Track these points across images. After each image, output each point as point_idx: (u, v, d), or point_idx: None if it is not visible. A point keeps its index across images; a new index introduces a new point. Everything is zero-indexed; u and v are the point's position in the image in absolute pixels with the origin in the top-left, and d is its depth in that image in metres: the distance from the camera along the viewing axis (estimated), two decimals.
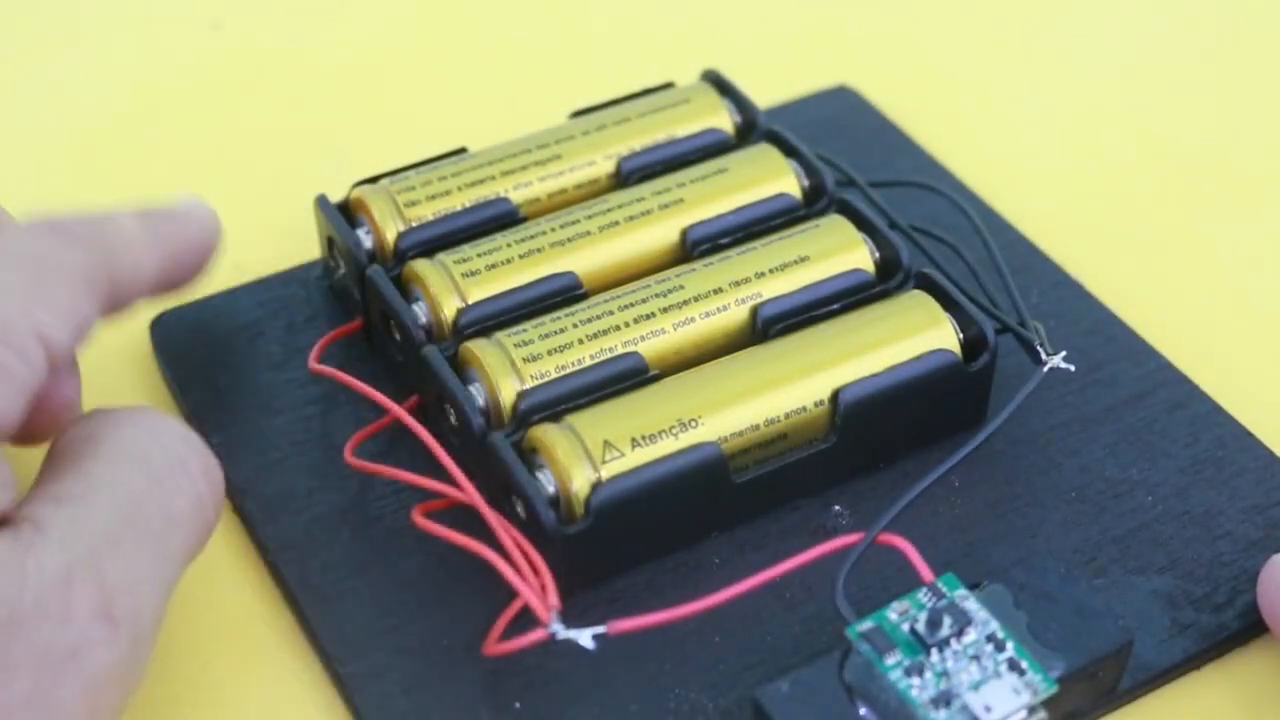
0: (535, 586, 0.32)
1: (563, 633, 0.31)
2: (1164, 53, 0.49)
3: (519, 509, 0.33)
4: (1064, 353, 0.36)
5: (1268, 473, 0.36)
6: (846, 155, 0.42)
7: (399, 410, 0.35)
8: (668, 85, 0.42)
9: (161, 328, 0.39)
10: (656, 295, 0.36)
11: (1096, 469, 0.36)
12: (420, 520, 0.33)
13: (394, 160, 0.39)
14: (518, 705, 0.32)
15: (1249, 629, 0.34)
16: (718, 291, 0.36)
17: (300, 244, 0.41)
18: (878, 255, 0.38)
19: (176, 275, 0.35)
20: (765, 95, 0.44)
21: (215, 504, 0.31)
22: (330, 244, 0.39)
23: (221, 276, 0.40)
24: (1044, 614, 0.32)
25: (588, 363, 0.35)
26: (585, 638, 0.31)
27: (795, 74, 0.46)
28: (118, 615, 0.28)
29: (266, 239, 0.42)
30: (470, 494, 0.33)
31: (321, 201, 0.39)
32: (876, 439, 0.35)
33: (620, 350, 0.35)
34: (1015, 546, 0.35)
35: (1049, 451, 0.37)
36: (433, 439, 0.34)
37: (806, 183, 0.39)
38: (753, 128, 0.41)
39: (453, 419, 0.35)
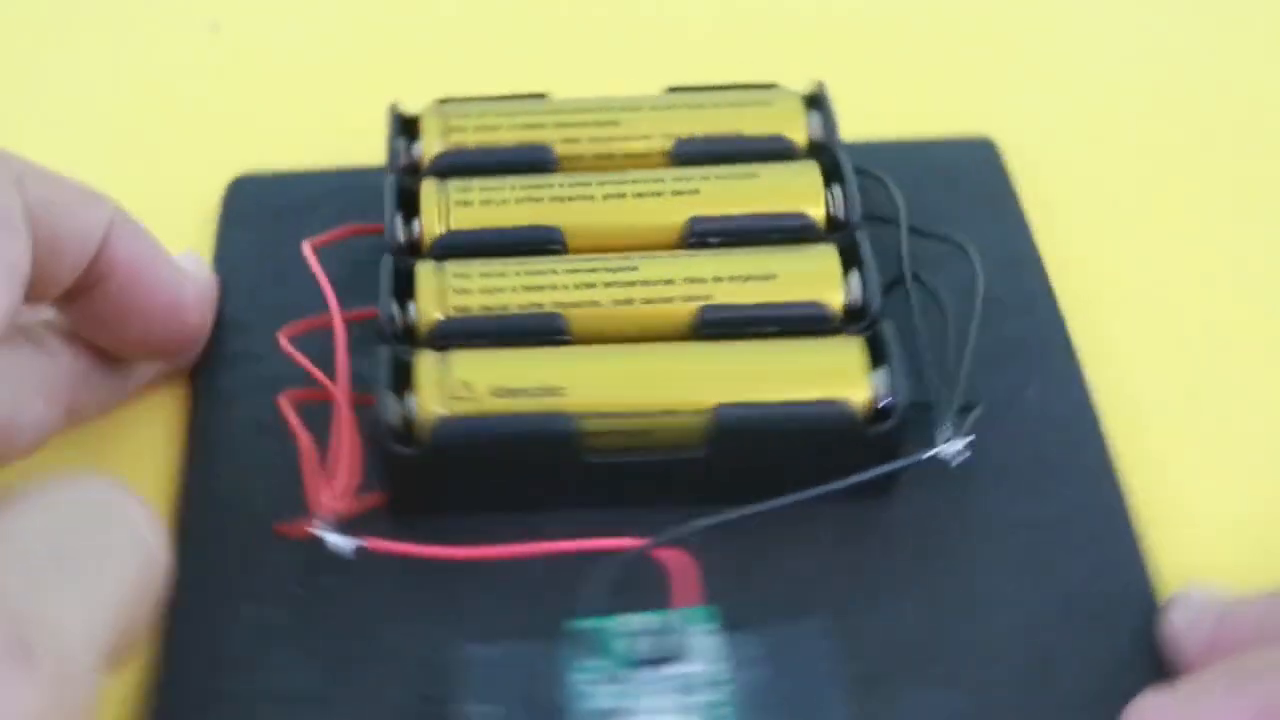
0: (335, 486, 0.33)
1: (328, 534, 0.33)
2: None
3: None
4: (965, 441, 0.34)
5: (1137, 658, 0.33)
6: (940, 207, 0.41)
7: (335, 311, 0.37)
8: (772, 86, 0.42)
9: (238, 188, 0.43)
10: (607, 269, 0.37)
11: (972, 574, 0.34)
12: (281, 401, 0.35)
13: None
14: (297, 592, 0.34)
15: None
16: (668, 283, 0.37)
17: None
18: (851, 296, 0.37)
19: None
20: (897, 126, 0.43)
21: (159, 543, 0.29)
22: None
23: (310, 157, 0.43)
24: (779, 678, 0.31)
25: (513, 311, 0.36)
26: (346, 545, 0.33)
27: (943, 113, 0.45)
28: (36, 654, 0.25)
29: None
30: (339, 389, 0.35)
31: (392, 109, 0.41)
32: (754, 470, 0.35)
33: (548, 309, 0.36)
34: (837, 618, 0.33)
35: (938, 539, 0.35)
36: (343, 334, 0.36)
37: (837, 211, 0.39)
38: (824, 149, 0.40)
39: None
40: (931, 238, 0.40)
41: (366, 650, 0.33)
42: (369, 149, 0.41)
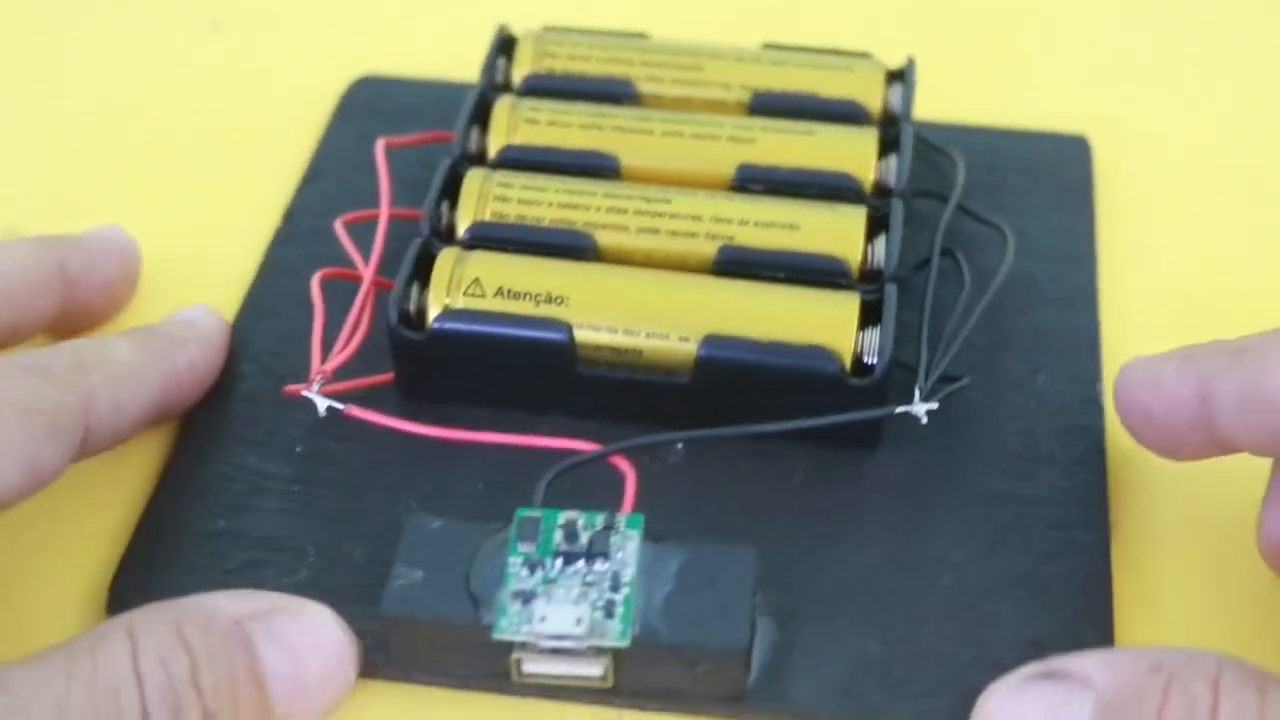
0: (334, 358, 0.36)
1: (314, 396, 0.35)
2: None
3: None
4: (932, 405, 0.35)
5: (1081, 629, 0.33)
6: (1013, 194, 0.42)
7: (385, 203, 0.39)
8: (864, 55, 0.43)
9: (358, 88, 0.46)
10: (643, 198, 0.38)
11: (929, 536, 0.35)
12: (315, 277, 0.38)
13: None
14: (299, 450, 0.37)
15: None
16: (696, 219, 0.38)
17: None
18: (870, 260, 0.38)
19: (174, 405, 0.36)
20: (1005, 115, 0.44)
21: None
22: None
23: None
24: (691, 592, 0.32)
25: (545, 224, 0.38)
26: (322, 405, 0.35)
27: (1051, 109, 0.45)
28: None
29: None
30: (368, 272, 0.38)
31: (499, 29, 0.43)
32: (738, 403, 0.36)
33: (579, 227, 0.38)
34: (772, 550, 0.34)
35: (907, 497, 0.36)
36: (385, 224, 0.39)
37: (885, 179, 0.40)
38: (894, 121, 0.41)
39: None
40: (979, 220, 0.40)
41: (345, 512, 0.36)
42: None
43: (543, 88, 0.42)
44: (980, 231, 0.41)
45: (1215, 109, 0.46)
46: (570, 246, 0.37)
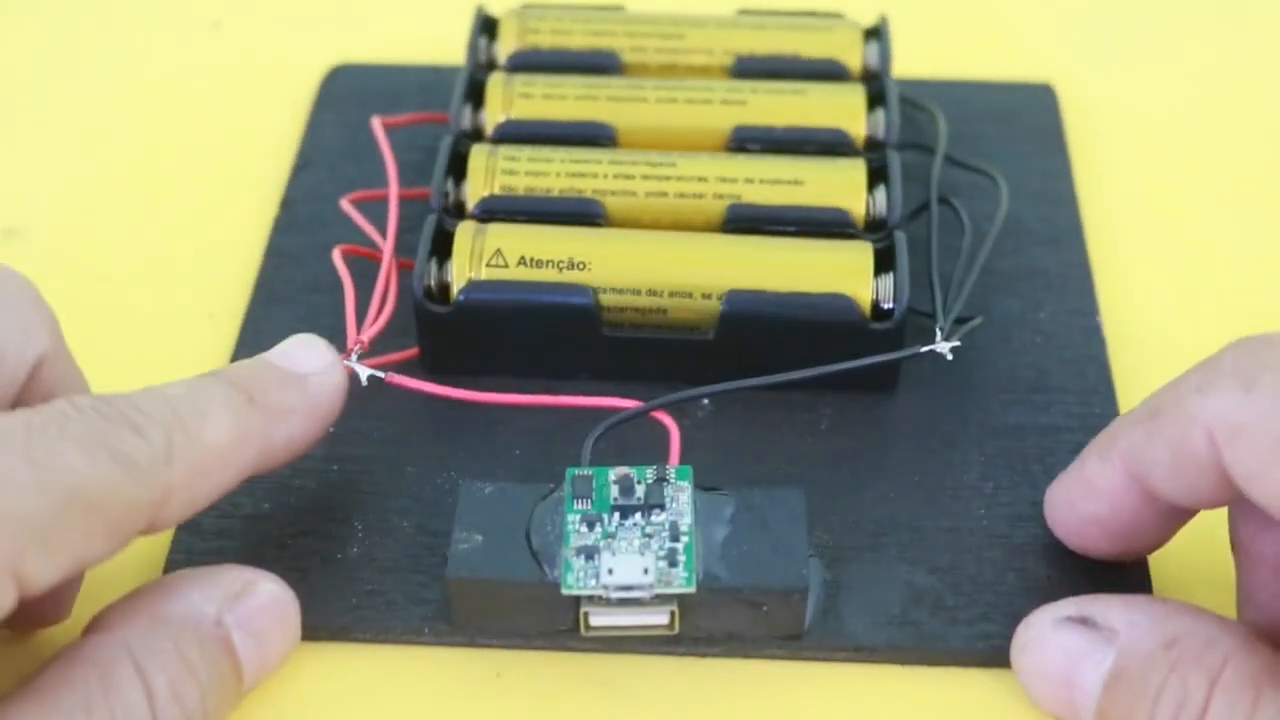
0: (366, 329, 0.36)
1: (355, 365, 0.36)
2: None
3: None
4: (955, 343, 0.36)
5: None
6: (990, 143, 0.43)
7: (393, 182, 0.40)
8: (837, 15, 0.44)
9: (335, 76, 0.46)
10: (647, 163, 0.39)
11: (958, 470, 0.36)
12: (335, 252, 0.38)
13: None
14: (330, 430, 0.37)
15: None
16: (702, 180, 0.39)
17: None
18: (873, 210, 0.39)
19: (253, 476, 0.32)
20: (968, 68, 0.45)
21: None
22: None
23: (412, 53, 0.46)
24: (746, 535, 0.33)
25: (555, 194, 0.39)
26: (364, 374, 0.36)
27: (1012, 60, 0.47)
28: None
29: None
30: (386, 246, 0.38)
31: (478, 10, 0.44)
32: (762, 356, 0.37)
33: (588, 194, 0.39)
34: (810, 494, 0.35)
35: (931, 435, 0.37)
36: (396, 202, 0.39)
37: (878, 133, 0.41)
38: (875, 77, 0.42)
39: None
40: (967, 168, 0.41)
41: (386, 486, 0.36)
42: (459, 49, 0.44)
43: (530, 64, 0.42)
44: (964, 179, 0.42)
45: (1170, 51, 0.48)
46: (582, 214, 0.38)
